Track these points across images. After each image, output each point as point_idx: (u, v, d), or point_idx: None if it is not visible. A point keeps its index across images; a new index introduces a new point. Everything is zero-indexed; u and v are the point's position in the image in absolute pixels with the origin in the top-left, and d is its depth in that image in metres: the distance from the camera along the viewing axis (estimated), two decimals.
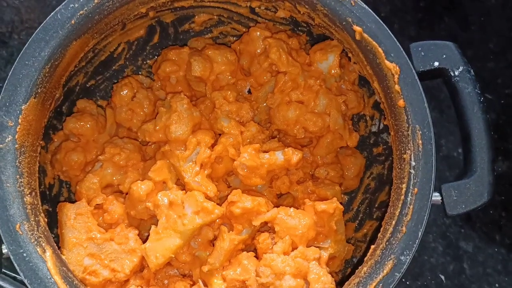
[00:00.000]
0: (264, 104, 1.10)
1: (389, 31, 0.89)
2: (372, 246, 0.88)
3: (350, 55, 0.99)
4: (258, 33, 1.10)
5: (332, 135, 1.09)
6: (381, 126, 1.16)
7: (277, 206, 1.02)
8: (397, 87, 0.87)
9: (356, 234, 1.18)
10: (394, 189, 0.89)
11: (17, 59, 0.85)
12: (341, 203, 1.02)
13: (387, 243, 0.84)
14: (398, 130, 0.88)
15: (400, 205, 0.85)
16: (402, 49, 0.88)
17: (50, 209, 1.05)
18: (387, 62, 0.87)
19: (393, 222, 0.85)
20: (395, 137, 0.90)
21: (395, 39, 0.89)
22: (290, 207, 1.00)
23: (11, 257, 0.82)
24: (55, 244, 0.87)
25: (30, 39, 0.88)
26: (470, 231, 1.23)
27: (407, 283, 1.23)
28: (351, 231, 1.17)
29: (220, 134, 1.04)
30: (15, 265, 0.82)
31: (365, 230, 1.16)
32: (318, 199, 1.05)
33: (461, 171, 0.91)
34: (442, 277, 1.22)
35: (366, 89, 1.15)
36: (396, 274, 0.82)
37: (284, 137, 1.13)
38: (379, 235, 0.88)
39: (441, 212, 1.25)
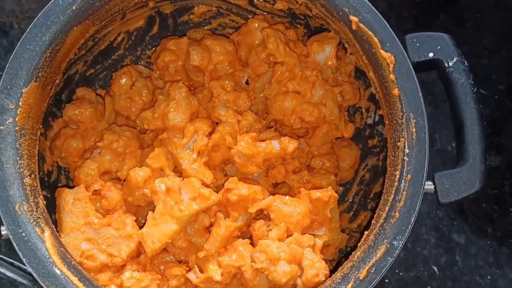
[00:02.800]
0: (261, 95, 1.10)
1: (384, 22, 0.90)
2: (366, 232, 0.89)
3: (346, 45, 1.00)
4: (256, 24, 1.11)
5: (328, 126, 1.10)
6: (377, 118, 1.17)
7: (272, 195, 1.03)
8: (392, 76, 0.88)
9: (351, 224, 1.19)
10: (388, 176, 0.90)
11: (19, 43, 0.85)
12: (336, 192, 1.03)
13: (380, 228, 0.85)
14: (393, 118, 0.89)
15: (393, 191, 0.86)
16: (397, 39, 0.90)
17: (49, 195, 1.04)
18: (382, 51, 0.88)
19: (386, 208, 0.86)
20: (390, 125, 0.91)
21: (390, 29, 0.90)
22: (285, 195, 1.02)
23: (11, 237, 0.82)
24: (54, 227, 0.89)
25: (32, 23, 0.88)
26: (462, 224, 1.25)
27: (400, 274, 1.24)
28: (345, 221, 1.17)
29: (217, 123, 1.04)
30: (14, 245, 0.83)
31: (359, 221, 1.17)
32: (313, 188, 1.07)
33: (454, 161, 0.92)
34: (435, 268, 1.23)
35: (362, 82, 1.16)
36: (388, 258, 0.83)
37: (280, 127, 1.14)
38: (372, 221, 0.89)
39: (434, 205, 1.27)
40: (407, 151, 0.86)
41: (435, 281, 1.22)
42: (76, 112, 1.05)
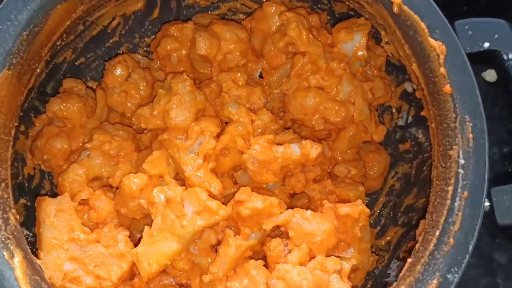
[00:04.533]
0: (278, 90, 1.02)
1: (433, 3, 0.76)
2: (410, 260, 0.74)
3: (382, 32, 0.86)
4: (273, 8, 0.99)
5: (356, 128, 0.99)
6: (410, 119, 1.05)
7: (290, 208, 0.91)
8: (442, 70, 0.75)
9: (378, 241, 1.06)
10: (435, 191, 0.76)
11: None
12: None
13: (430, 258, 0.71)
14: (442, 121, 0.76)
15: (445, 211, 0.72)
16: (449, 25, 0.75)
17: (29, 203, 0.96)
18: (431, 40, 0.75)
19: (437, 232, 0.72)
20: (438, 130, 0.77)
21: (440, 13, 0.76)
22: (306, 209, 0.89)
23: None
24: (28, 248, 0.77)
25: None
26: (505, 242, 1.11)
27: None
28: (372, 237, 1.02)
29: (227, 123, 0.96)
30: None
31: (388, 238, 1.05)
32: (338, 201, 0.95)
33: (505, 168, 0.78)
34: None
35: (394, 77, 1.05)
36: None
37: (299, 129, 1.03)
38: (417, 246, 0.75)
39: None
40: (462, 161, 0.71)
41: None
42: (62, 107, 0.96)
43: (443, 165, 0.76)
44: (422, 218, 0.97)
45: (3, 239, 0.71)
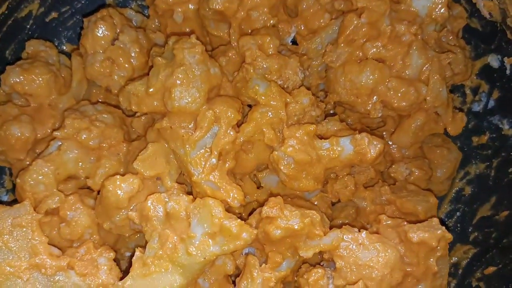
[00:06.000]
0: (318, 62, 0.87)
1: None
2: None
3: None
4: None
5: (425, 116, 0.82)
6: (490, 104, 0.89)
7: (333, 223, 0.78)
8: None
9: None
10: None
11: None
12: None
13: None
14: None
15: None
16: None
17: None
18: None
19: None
20: None
21: None
22: (359, 229, 0.72)
23: None
24: None
25: None
26: None
27: None
28: None
29: (250, 106, 0.83)
30: None
31: (455, 259, 0.90)
32: (400, 215, 0.79)
33: None
34: None
35: (472, 47, 0.88)
36: None
37: (343, 114, 0.88)
38: None
39: None
40: None
41: None
42: (23, 78, 0.83)
43: None
44: (505, 236, 0.84)
45: None
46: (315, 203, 0.81)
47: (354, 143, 0.74)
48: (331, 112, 0.87)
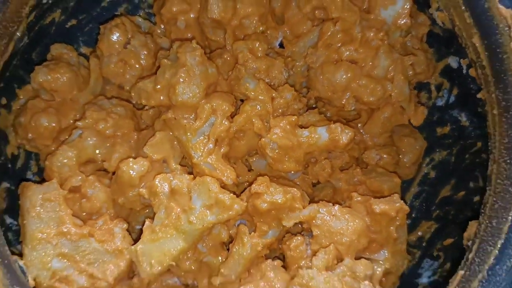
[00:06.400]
0: (301, 63, 0.95)
1: None
2: (461, 272, 0.66)
3: None
4: None
5: (392, 109, 0.92)
6: (451, 99, 0.96)
7: (314, 201, 0.84)
8: None
9: (408, 236, 0.98)
10: (496, 191, 0.67)
11: None
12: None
13: (489, 273, 0.62)
14: (509, 108, 0.66)
15: (510, 217, 0.61)
16: None
17: (13, 187, 0.90)
18: (501, 7, 0.66)
19: (499, 243, 0.63)
20: (501, 117, 0.68)
21: None
22: (333, 204, 0.81)
23: None
24: (6, 249, 0.68)
25: None
26: None
27: None
28: None
29: (242, 100, 0.91)
30: None
31: (420, 233, 0.98)
32: (369, 193, 0.88)
33: None
34: None
35: (435, 50, 0.95)
36: None
37: (323, 108, 0.96)
38: (470, 256, 0.65)
39: None
40: None
41: None
42: (50, 77, 0.90)
43: (508, 161, 0.65)
44: (461, 213, 0.93)
45: None
46: (298, 183, 0.89)
47: (329, 132, 0.84)
48: (314, 106, 0.94)
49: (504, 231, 0.62)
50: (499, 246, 0.62)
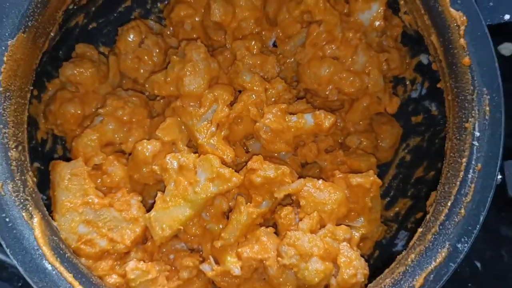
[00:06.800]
0: (292, 59, 1.01)
1: None
2: (420, 229, 0.75)
3: (401, 2, 0.85)
4: None
5: (369, 99, 0.98)
6: (423, 91, 1.04)
7: (302, 177, 0.92)
8: (462, 41, 0.74)
9: (387, 212, 1.07)
10: (449, 163, 0.76)
11: None
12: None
13: (440, 227, 0.72)
14: (459, 94, 0.75)
15: (458, 183, 0.72)
16: None
17: (42, 167, 0.96)
18: (452, 10, 0.74)
19: (449, 203, 0.72)
20: (454, 102, 0.77)
21: None
22: (317, 179, 0.90)
23: None
24: (45, 209, 0.78)
25: None
26: (510, 215, 1.10)
27: None
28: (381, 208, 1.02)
29: (240, 91, 0.96)
30: None
31: (397, 209, 1.06)
32: (349, 171, 0.96)
33: None
34: (478, 264, 1.10)
35: (408, 48, 1.03)
36: (451, 264, 0.70)
37: (312, 99, 1.02)
38: (428, 216, 0.76)
39: None
40: (477, 134, 0.71)
41: (478, 278, 1.09)
42: (75, 71, 0.96)
43: (458, 137, 0.75)
44: (431, 190, 0.99)
45: (22, 201, 0.72)
46: (288, 162, 0.95)
47: (314, 117, 0.91)
48: (302, 96, 1.00)
49: (453, 194, 0.72)
50: (448, 205, 0.72)
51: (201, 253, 0.93)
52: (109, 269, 0.87)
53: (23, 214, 0.71)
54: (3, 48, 0.72)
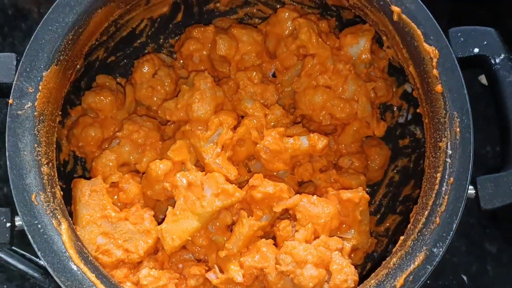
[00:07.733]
0: (289, 88, 1.08)
1: (429, 13, 0.85)
2: (402, 237, 0.84)
3: (384, 38, 0.95)
4: (286, 14, 1.06)
5: (359, 123, 1.06)
6: (409, 117, 1.13)
7: (298, 193, 0.99)
8: (435, 71, 0.83)
9: (378, 228, 1.15)
10: (427, 178, 0.85)
11: (40, 24, 0.82)
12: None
13: (418, 234, 0.80)
14: (434, 117, 0.84)
15: (433, 195, 0.81)
16: (442, 32, 0.84)
17: (64, 186, 1.02)
18: (425, 45, 0.83)
19: (426, 213, 0.81)
20: (430, 124, 0.86)
21: (435, 21, 0.85)
22: (313, 195, 0.98)
23: (25, 228, 0.78)
24: (70, 219, 0.86)
25: (55, 3, 0.84)
26: (494, 232, 1.18)
27: (428, 282, 1.13)
28: (372, 224, 1.13)
29: (243, 116, 1.02)
30: (29, 237, 0.79)
31: (387, 224, 1.13)
32: (341, 188, 1.03)
33: (498, 164, 0.87)
34: (464, 277, 1.18)
35: (395, 78, 1.13)
36: (428, 266, 0.78)
37: (308, 123, 1.10)
38: (409, 226, 0.84)
39: (465, 211, 1.20)
40: (450, 152, 0.80)
41: None
42: (96, 99, 1.03)
43: (434, 155, 0.84)
44: None
45: (51, 210, 0.81)
46: (286, 180, 1.02)
47: (309, 139, 0.98)
48: (299, 121, 1.07)
49: (429, 204, 0.80)
50: (425, 215, 0.80)
51: (207, 263, 1.00)
52: (123, 277, 0.94)
53: (53, 221, 0.80)
54: (39, 78, 0.82)
